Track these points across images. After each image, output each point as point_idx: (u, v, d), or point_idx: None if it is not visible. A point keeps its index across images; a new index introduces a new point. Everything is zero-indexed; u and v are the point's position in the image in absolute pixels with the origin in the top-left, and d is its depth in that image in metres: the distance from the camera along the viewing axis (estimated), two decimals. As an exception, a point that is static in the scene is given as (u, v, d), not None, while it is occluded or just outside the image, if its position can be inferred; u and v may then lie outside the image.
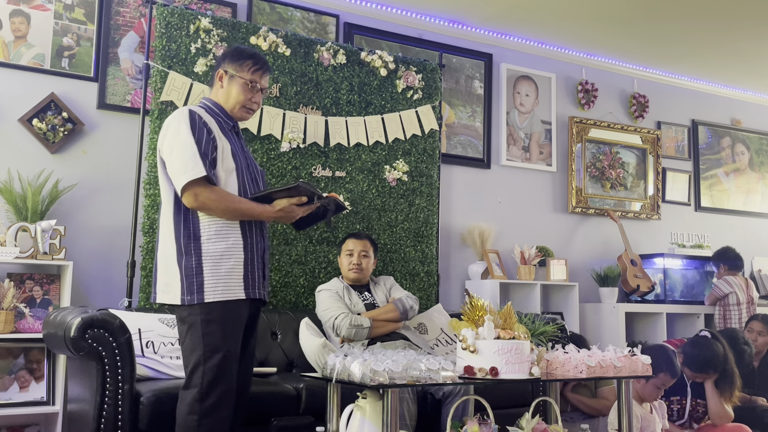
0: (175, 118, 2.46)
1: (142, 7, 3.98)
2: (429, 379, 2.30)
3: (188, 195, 2.37)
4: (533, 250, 4.91)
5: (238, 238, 2.44)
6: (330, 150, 4.13)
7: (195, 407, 2.33)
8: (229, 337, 2.39)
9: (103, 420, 2.65)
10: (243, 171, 2.51)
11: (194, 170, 2.35)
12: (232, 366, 2.39)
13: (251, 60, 2.57)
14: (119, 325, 2.72)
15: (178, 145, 2.40)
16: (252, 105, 2.60)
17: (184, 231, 2.41)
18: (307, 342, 3.41)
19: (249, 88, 2.57)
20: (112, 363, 2.68)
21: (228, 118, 2.58)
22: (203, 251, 2.39)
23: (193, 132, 2.40)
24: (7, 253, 3.32)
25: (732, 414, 3.65)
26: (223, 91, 2.58)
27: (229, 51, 2.62)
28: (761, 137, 6.60)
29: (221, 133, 2.49)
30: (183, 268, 2.38)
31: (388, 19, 4.79)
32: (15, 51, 3.72)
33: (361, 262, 3.68)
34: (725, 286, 5.16)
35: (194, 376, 2.36)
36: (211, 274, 2.38)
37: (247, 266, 2.44)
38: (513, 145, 5.23)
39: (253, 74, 2.57)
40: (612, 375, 2.71)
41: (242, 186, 2.49)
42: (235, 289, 2.40)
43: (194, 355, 2.36)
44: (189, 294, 2.37)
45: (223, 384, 2.35)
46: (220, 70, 2.58)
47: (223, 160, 2.45)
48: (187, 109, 2.48)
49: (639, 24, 5.02)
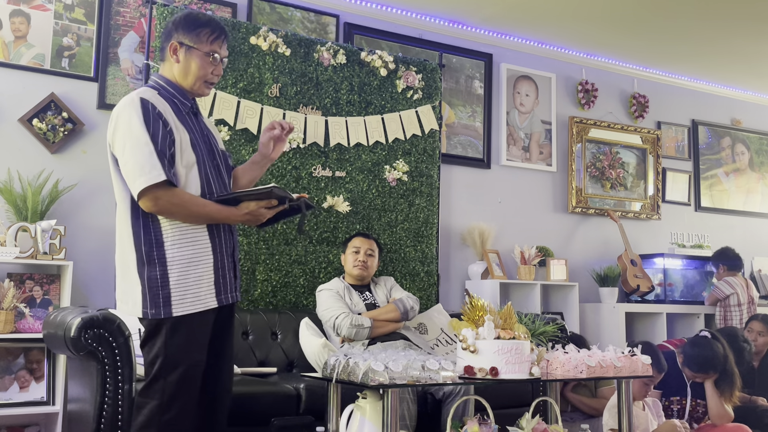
0: (125, 109, 2.18)
1: (142, 7, 3.98)
2: (429, 379, 2.30)
3: (146, 200, 2.14)
4: (533, 250, 4.91)
5: (205, 241, 2.23)
6: (330, 150, 4.13)
7: (154, 419, 2.15)
8: (193, 349, 2.20)
9: (103, 420, 2.65)
10: (205, 162, 2.28)
11: (152, 173, 2.11)
12: (195, 377, 2.21)
13: (208, 28, 2.29)
14: (119, 325, 2.72)
15: (131, 142, 2.14)
16: (213, 79, 2.33)
17: (145, 237, 2.18)
18: (307, 342, 3.41)
19: (210, 61, 2.29)
20: (111, 363, 2.68)
21: (185, 99, 2.31)
22: (168, 258, 2.17)
23: (147, 126, 2.14)
24: (7, 253, 3.32)
25: (732, 414, 3.65)
26: (179, 66, 2.28)
27: (180, 19, 2.30)
28: (761, 137, 6.60)
29: (178, 120, 2.24)
30: (146, 279, 2.16)
31: (388, 19, 4.79)
32: (15, 51, 3.72)
33: (367, 260, 3.69)
34: (726, 288, 5.15)
35: (154, 386, 2.17)
36: (179, 284, 2.17)
37: (218, 270, 2.25)
38: (513, 145, 5.23)
39: (212, 44, 2.29)
40: (612, 375, 2.71)
41: (205, 180, 2.26)
42: (206, 297, 2.21)
43: (155, 366, 2.18)
44: (153, 307, 2.16)
45: (185, 396, 2.18)
46: (173, 42, 2.28)
47: (182, 154, 2.21)
48: (137, 96, 2.19)
49: (639, 24, 5.02)
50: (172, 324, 2.18)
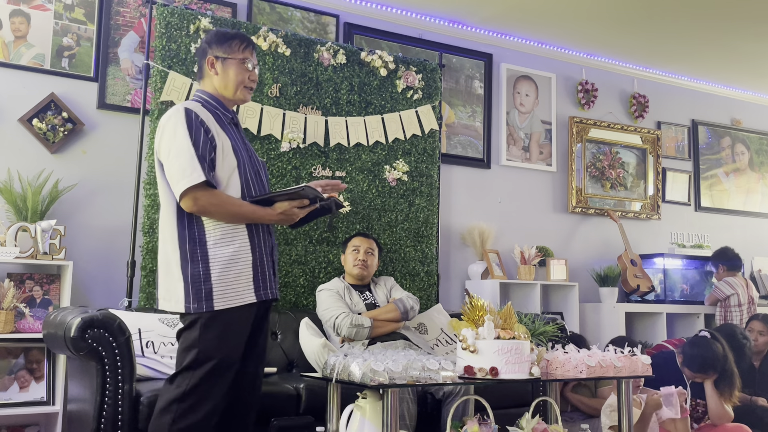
0: (171, 118, 2.38)
1: (142, 7, 3.98)
2: (429, 379, 2.30)
3: (187, 200, 2.30)
4: (533, 250, 4.91)
5: (245, 240, 2.38)
6: (330, 150, 4.13)
7: (172, 407, 2.27)
8: (226, 344, 2.32)
9: (103, 420, 2.65)
10: (246, 167, 2.44)
11: (193, 175, 2.28)
12: (225, 374, 2.32)
13: (237, 39, 2.50)
14: (119, 325, 2.72)
15: (176, 148, 2.32)
16: (251, 84, 2.53)
17: (189, 236, 2.34)
18: (307, 342, 3.41)
19: (245, 67, 2.49)
20: (112, 363, 2.68)
21: (226, 110, 2.50)
22: (210, 256, 2.32)
23: (190, 133, 2.32)
24: (7, 253, 3.32)
25: (732, 414, 3.66)
26: (219, 77, 2.49)
27: (211, 36, 2.52)
28: (761, 137, 6.60)
29: (220, 128, 2.42)
30: (189, 275, 2.30)
31: (388, 19, 4.79)
32: (15, 51, 3.72)
33: (367, 259, 3.70)
34: (727, 288, 5.15)
35: (181, 376, 2.30)
36: (220, 280, 2.31)
37: (257, 267, 2.38)
38: (513, 145, 5.23)
39: (243, 52, 2.49)
40: (612, 375, 2.71)
41: (245, 184, 2.42)
42: (245, 293, 2.35)
43: (187, 357, 2.30)
44: (196, 302, 2.29)
45: (210, 391, 2.29)
46: (210, 57, 2.49)
47: (225, 158, 2.38)
48: (182, 107, 2.39)
49: (639, 24, 5.02)
50: (211, 317, 2.30)
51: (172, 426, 2.26)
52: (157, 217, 3.60)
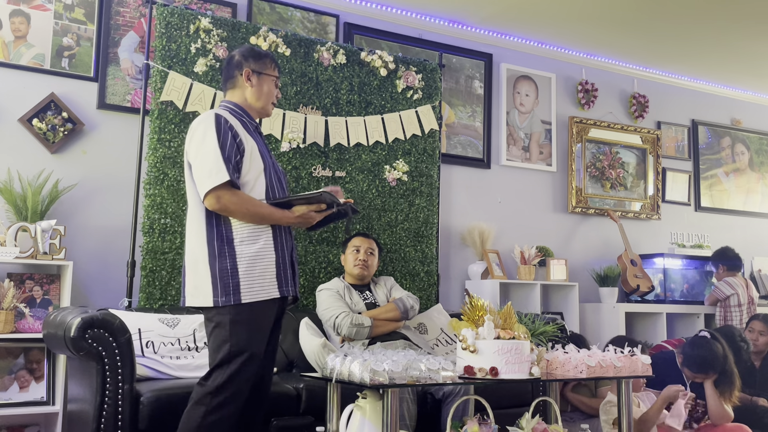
0: (202, 123, 2.50)
1: (142, 7, 3.98)
2: (429, 379, 2.30)
3: (210, 198, 2.41)
4: (533, 250, 4.91)
5: (269, 240, 2.49)
6: (330, 150, 4.13)
7: (205, 399, 2.36)
8: (255, 338, 2.42)
9: (103, 420, 2.65)
10: (270, 171, 2.57)
11: (218, 175, 2.39)
12: (253, 367, 2.42)
13: (269, 58, 2.69)
14: (119, 325, 2.72)
15: (204, 150, 2.44)
16: (276, 100, 2.72)
17: (217, 234, 2.45)
18: (307, 342, 3.41)
19: (276, 84, 2.69)
20: (112, 363, 2.68)
21: (251, 119, 2.64)
22: (237, 253, 2.43)
23: (219, 136, 2.44)
24: (7, 253, 3.32)
25: (732, 414, 3.66)
26: (254, 90, 2.63)
27: (247, 51, 2.67)
28: (761, 137, 6.60)
29: (247, 133, 2.54)
30: (217, 270, 2.41)
31: (388, 19, 4.79)
32: (15, 51, 3.72)
33: (367, 259, 3.70)
34: (727, 288, 5.15)
35: (215, 373, 2.39)
36: (246, 275, 2.42)
37: (279, 265, 2.49)
38: (513, 145, 5.23)
39: (274, 71, 2.69)
40: (612, 375, 2.71)
41: (270, 186, 2.54)
42: (270, 288, 2.45)
43: (220, 353, 2.39)
44: (224, 295, 2.40)
45: (238, 384, 2.39)
46: (247, 69, 2.62)
47: (252, 161, 2.50)
48: (213, 113, 2.51)
49: (639, 24, 5.02)
50: (239, 311, 2.40)
51: (203, 419, 2.35)
52: (156, 217, 3.61)
